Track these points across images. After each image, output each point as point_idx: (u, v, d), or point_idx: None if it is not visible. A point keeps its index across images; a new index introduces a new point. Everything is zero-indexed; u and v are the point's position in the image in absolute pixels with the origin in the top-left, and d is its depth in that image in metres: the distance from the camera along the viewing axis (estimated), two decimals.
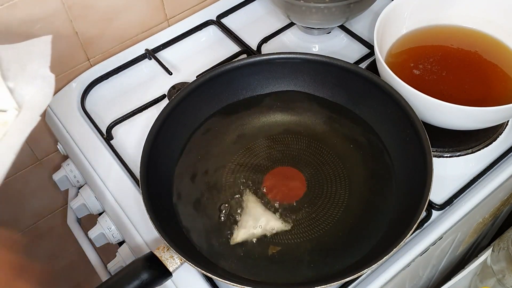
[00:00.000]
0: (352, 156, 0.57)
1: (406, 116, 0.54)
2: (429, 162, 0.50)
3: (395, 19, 0.63)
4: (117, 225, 0.60)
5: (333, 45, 0.73)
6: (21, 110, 0.45)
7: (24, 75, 0.47)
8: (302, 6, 0.65)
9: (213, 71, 0.59)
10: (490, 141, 0.61)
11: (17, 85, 0.47)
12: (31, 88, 0.46)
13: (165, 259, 0.48)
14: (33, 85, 0.46)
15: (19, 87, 0.47)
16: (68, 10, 0.64)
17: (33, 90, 0.46)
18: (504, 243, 0.63)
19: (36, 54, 0.47)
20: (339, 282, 0.46)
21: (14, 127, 0.44)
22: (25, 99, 0.46)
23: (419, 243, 0.53)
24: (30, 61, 0.47)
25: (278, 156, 0.58)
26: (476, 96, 0.59)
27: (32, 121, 0.43)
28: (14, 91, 0.46)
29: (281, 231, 0.52)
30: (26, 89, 0.46)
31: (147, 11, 0.72)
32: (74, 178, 0.68)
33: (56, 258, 0.97)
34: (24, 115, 0.45)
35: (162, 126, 0.55)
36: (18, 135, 0.43)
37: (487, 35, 0.65)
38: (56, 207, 0.87)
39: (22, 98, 0.46)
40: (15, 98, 0.46)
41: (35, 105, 0.45)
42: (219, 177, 0.56)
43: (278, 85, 0.63)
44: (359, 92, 0.59)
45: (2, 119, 0.44)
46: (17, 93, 0.46)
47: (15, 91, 0.46)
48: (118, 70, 0.70)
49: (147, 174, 0.52)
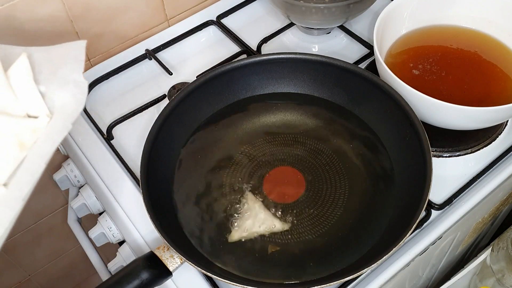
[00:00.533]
0: (352, 156, 0.57)
1: (406, 116, 0.54)
2: (428, 162, 0.50)
3: (395, 19, 0.63)
4: (117, 225, 0.60)
5: (333, 45, 0.73)
6: (52, 117, 0.43)
7: (56, 79, 0.44)
8: (302, 7, 0.65)
9: (213, 71, 0.59)
10: (490, 141, 0.61)
11: (49, 89, 0.44)
12: (63, 94, 0.43)
13: (165, 259, 0.48)
14: (65, 91, 0.44)
15: (50, 92, 0.44)
16: (68, 10, 0.64)
17: (65, 95, 0.43)
18: (503, 242, 0.63)
19: (69, 59, 0.45)
20: (339, 281, 0.46)
21: (46, 135, 0.41)
22: (56, 105, 0.43)
23: (419, 243, 0.53)
24: (62, 65, 0.44)
25: (278, 156, 0.58)
26: (476, 96, 0.59)
27: (64, 129, 0.41)
28: (45, 95, 0.44)
29: (281, 230, 0.52)
30: (58, 94, 0.44)
31: (147, 11, 0.72)
32: (74, 178, 0.68)
33: (56, 258, 0.97)
34: (55, 123, 0.42)
35: (162, 126, 0.55)
36: (50, 144, 0.40)
37: (486, 35, 0.65)
38: (57, 206, 0.87)
39: (53, 103, 0.44)
40: (46, 103, 0.43)
41: (67, 112, 0.43)
42: (219, 177, 0.57)
43: (278, 85, 0.63)
44: (358, 92, 0.59)
45: (34, 125, 0.42)
46: (48, 98, 0.44)
47: (46, 96, 0.44)
48: (118, 70, 0.70)
49: (147, 174, 0.52)
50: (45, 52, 0.45)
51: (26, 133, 0.41)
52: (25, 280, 0.95)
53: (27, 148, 0.41)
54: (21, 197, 0.37)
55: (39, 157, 0.40)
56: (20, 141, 0.40)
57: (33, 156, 0.40)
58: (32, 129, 0.41)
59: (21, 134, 0.41)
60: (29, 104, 0.43)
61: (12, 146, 0.40)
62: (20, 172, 0.39)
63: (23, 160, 0.40)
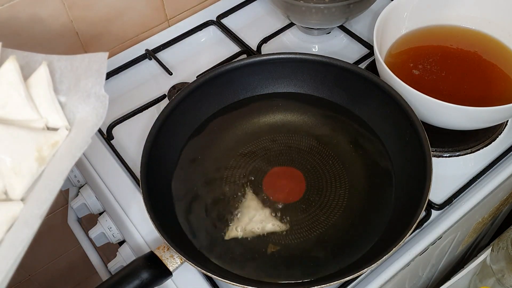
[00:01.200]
0: (352, 156, 0.57)
1: (406, 116, 0.54)
2: (428, 162, 0.50)
3: (395, 19, 0.63)
4: (117, 225, 0.60)
5: (333, 45, 0.73)
6: (71, 129, 0.42)
7: (78, 91, 0.42)
8: (302, 7, 0.65)
9: (213, 71, 0.59)
10: (490, 141, 0.61)
11: (69, 100, 0.43)
12: (83, 106, 0.42)
13: (165, 259, 0.48)
14: (86, 103, 0.42)
15: (70, 103, 0.42)
16: (69, 10, 0.64)
17: (86, 108, 0.42)
18: (503, 242, 0.63)
19: (91, 70, 0.42)
20: (339, 281, 0.46)
21: (64, 149, 0.40)
22: (77, 117, 0.42)
23: (419, 243, 0.53)
24: (84, 77, 0.42)
25: (278, 156, 0.58)
26: (476, 96, 0.60)
27: (83, 144, 0.40)
28: (65, 106, 0.42)
29: (281, 230, 0.52)
30: (79, 106, 0.42)
31: (147, 11, 0.73)
32: (74, 178, 0.68)
33: (56, 258, 0.97)
34: (75, 136, 0.41)
35: (163, 126, 0.55)
36: (69, 159, 0.39)
37: (486, 35, 0.65)
38: (57, 206, 0.87)
39: (73, 116, 0.42)
40: (66, 115, 0.42)
41: (87, 126, 0.41)
42: (219, 177, 0.57)
43: (278, 85, 0.63)
44: (358, 92, 0.59)
45: (53, 139, 0.40)
46: (68, 109, 0.42)
47: (66, 107, 0.42)
48: (118, 70, 0.70)
49: (147, 174, 0.52)
50: (67, 61, 0.44)
51: (45, 147, 0.40)
52: (25, 280, 0.95)
53: (46, 162, 0.40)
54: (39, 215, 0.36)
55: (58, 173, 0.38)
56: (39, 155, 0.39)
57: (51, 171, 0.39)
58: (51, 142, 0.40)
59: (40, 148, 0.39)
60: (49, 116, 0.42)
61: (31, 159, 0.39)
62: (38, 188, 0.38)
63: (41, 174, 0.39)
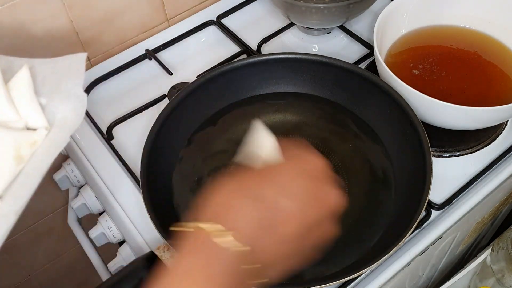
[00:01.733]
0: (352, 156, 0.57)
1: (406, 116, 0.54)
2: (428, 162, 0.50)
3: (395, 19, 0.63)
4: (117, 225, 0.60)
5: (333, 45, 0.73)
6: (51, 129, 0.43)
7: (59, 92, 0.44)
8: (302, 7, 0.65)
9: (213, 71, 0.59)
10: (490, 141, 0.61)
11: (51, 102, 0.44)
12: (64, 107, 0.44)
13: (165, 259, 0.48)
14: (66, 104, 0.44)
15: (51, 104, 0.44)
16: (69, 10, 0.64)
17: (66, 108, 0.43)
18: (503, 242, 0.63)
19: (71, 72, 0.45)
20: (339, 281, 0.46)
21: (43, 148, 0.41)
22: (57, 117, 0.44)
23: (419, 243, 0.53)
24: (66, 79, 0.44)
25: None
26: (476, 96, 0.60)
27: (62, 142, 0.41)
28: (46, 107, 0.44)
29: None
30: (59, 107, 0.44)
31: (148, 11, 0.72)
32: (74, 178, 0.68)
33: (56, 258, 0.97)
34: (54, 135, 0.42)
35: (163, 126, 0.55)
36: (47, 157, 0.40)
37: (486, 35, 0.65)
38: (57, 207, 0.87)
39: (54, 116, 0.44)
40: (46, 115, 0.44)
41: (66, 125, 0.43)
42: (219, 177, 0.56)
43: (278, 85, 0.63)
44: (358, 92, 0.59)
45: (32, 138, 0.42)
46: (49, 110, 0.44)
47: (47, 108, 0.44)
48: (118, 70, 0.70)
49: (148, 174, 0.52)
50: (49, 64, 0.45)
51: (24, 146, 0.41)
52: (25, 280, 0.95)
53: (24, 161, 0.40)
54: (15, 210, 0.37)
55: (36, 170, 0.39)
56: (18, 154, 0.40)
57: (30, 169, 0.40)
58: (30, 142, 0.41)
59: (19, 147, 0.40)
60: (29, 116, 0.43)
61: (9, 159, 0.40)
62: (16, 185, 0.39)
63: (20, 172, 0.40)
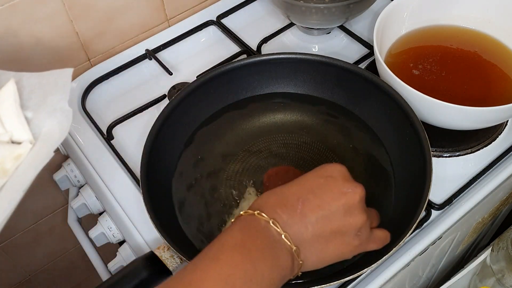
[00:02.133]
0: (352, 156, 0.57)
1: (406, 116, 0.54)
2: (428, 162, 0.50)
3: (395, 19, 0.63)
4: (117, 225, 0.60)
5: (333, 45, 0.73)
6: (35, 143, 0.43)
7: (45, 106, 0.45)
8: (302, 7, 0.65)
9: (213, 71, 0.59)
10: (490, 141, 0.61)
11: (36, 116, 0.45)
12: (49, 121, 0.44)
13: (165, 259, 0.48)
14: (51, 118, 0.44)
15: (37, 118, 0.45)
16: (69, 10, 0.64)
17: (51, 123, 0.44)
18: (503, 242, 0.63)
19: (58, 86, 0.45)
20: (339, 281, 0.46)
21: (27, 162, 0.42)
22: (42, 131, 0.44)
23: (419, 243, 0.53)
24: (51, 93, 0.45)
25: (277, 156, 0.58)
26: (476, 96, 0.60)
27: (46, 156, 0.41)
28: (32, 121, 0.45)
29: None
30: (45, 121, 0.44)
31: (148, 11, 0.72)
32: (74, 178, 0.68)
33: (56, 258, 0.97)
34: (38, 149, 0.43)
35: (163, 126, 0.55)
36: (30, 171, 0.40)
37: (486, 35, 0.65)
38: (57, 206, 0.87)
39: (39, 130, 0.44)
40: (31, 129, 0.44)
41: (51, 139, 0.43)
42: (219, 177, 0.57)
43: (278, 85, 0.63)
44: (358, 92, 0.59)
45: (16, 152, 0.42)
46: (34, 124, 0.44)
47: (32, 122, 0.44)
48: (118, 70, 0.70)
49: (148, 174, 0.52)
50: (37, 79, 0.46)
51: (8, 160, 0.41)
52: (25, 280, 0.95)
53: (8, 174, 0.41)
54: None
55: (19, 184, 0.39)
56: (2, 167, 0.41)
57: (12, 183, 0.40)
58: (14, 155, 0.41)
59: (3, 160, 0.41)
60: (14, 130, 0.43)
61: None
62: None
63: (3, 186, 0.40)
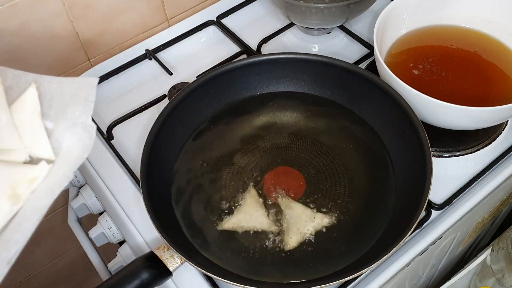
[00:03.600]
0: (352, 156, 0.57)
1: (406, 116, 0.54)
2: (428, 162, 0.50)
3: (395, 19, 0.63)
4: (117, 225, 0.60)
5: (333, 45, 0.73)
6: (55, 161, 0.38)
7: (65, 118, 0.39)
8: (302, 7, 0.65)
9: (213, 71, 0.59)
10: (490, 141, 0.61)
11: (57, 128, 0.39)
12: (70, 136, 0.39)
13: (165, 259, 0.48)
14: (72, 133, 0.39)
15: (57, 131, 0.39)
16: (69, 10, 0.64)
17: (72, 138, 0.39)
18: (503, 242, 0.63)
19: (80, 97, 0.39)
20: (339, 281, 0.46)
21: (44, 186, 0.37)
22: (62, 147, 0.39)
23: (419, 243, 0.53)
24: (73, 104, 0.39)
25: (278, 156, 0.58)
26: (476, 96, 0.60)
27: (64, 179, 0.37)
28: (52, 134, 0.39)
29: (280, 230, 0.52)
30: (65, 135, 0.39)
31: (148, 11, 0.73)
32: (74, 178, 0.68)
33: (56, 258, 0.97)
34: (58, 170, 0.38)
35: (163, 126, 0.55)
36: (47, 197, 0.36)
37: (486, 35, 0.65)
38: (57, 206, 0.87)
39: (60, 145, 0.39)
40: (51, 143, 0.39)
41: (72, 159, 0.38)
42: (219, 177, 0.57)
43: (278, 85, 0.63)
44: (359, 92, 0.59)
45: (31, 174, 0.37)
46: (54, 138, 0.39)
47: (53, 135, 0.39)
48: (118, 70, 0.70)
49: (147, 174, 0.52)
50: (58, 84, 0.41)
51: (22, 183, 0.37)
52: (25, 280, 0.95)
53: (22, 200, 0.36)
54: (7, 259, 0.33)
55: (33, 212, 0.35)
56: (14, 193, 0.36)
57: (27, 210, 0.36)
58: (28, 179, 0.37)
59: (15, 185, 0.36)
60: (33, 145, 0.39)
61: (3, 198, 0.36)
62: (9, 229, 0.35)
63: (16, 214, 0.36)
